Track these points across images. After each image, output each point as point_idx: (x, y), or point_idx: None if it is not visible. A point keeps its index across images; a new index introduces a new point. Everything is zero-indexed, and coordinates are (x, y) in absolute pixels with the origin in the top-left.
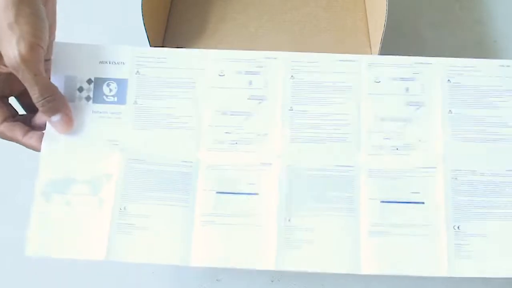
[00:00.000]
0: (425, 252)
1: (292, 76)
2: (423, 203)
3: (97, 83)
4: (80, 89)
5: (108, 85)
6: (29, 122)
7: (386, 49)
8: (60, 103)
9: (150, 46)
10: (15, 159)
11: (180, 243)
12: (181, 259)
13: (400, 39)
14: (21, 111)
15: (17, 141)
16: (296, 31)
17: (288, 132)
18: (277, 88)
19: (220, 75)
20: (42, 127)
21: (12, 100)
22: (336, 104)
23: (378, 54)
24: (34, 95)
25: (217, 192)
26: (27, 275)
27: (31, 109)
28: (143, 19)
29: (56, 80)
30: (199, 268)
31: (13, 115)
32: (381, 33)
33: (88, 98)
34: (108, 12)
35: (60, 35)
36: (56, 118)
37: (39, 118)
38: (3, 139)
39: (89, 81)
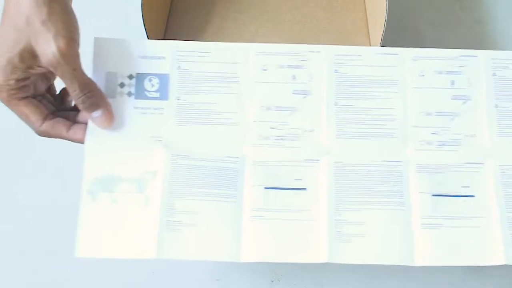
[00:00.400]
0: (479, 242)
1: (336, 70)
2: (473, 196)
3: (139, 78)
4: (122, 85)
5: (150, 80)
6: (73, 120)
7: None
8: (100, 99)
9: None
10: (16, 158)
11: (230, 239)
12: (231, 255)
13: (400, 39)
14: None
15: (62, 137)
16: (296, 31)
17: (334, 127)
18: (322, 82)
19: (263, 70)
20: (86, 123)
21: None
22: (381, 99)
23: None
24: (74, 91)
25: (265, 188)
26: (27, 275)
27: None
28: (143, 19)
29: (97, 76)
30: (199, 267)
31: (52, 112)
32: (381, 33)
33: (129, 94)
34: (108, 12)
35: None
36: (97, 113)
37: (82, 116)
38: (47, 137)
39: (130, 77)
